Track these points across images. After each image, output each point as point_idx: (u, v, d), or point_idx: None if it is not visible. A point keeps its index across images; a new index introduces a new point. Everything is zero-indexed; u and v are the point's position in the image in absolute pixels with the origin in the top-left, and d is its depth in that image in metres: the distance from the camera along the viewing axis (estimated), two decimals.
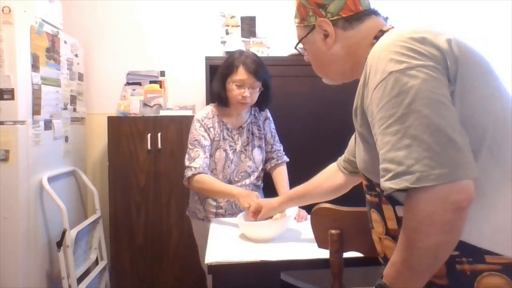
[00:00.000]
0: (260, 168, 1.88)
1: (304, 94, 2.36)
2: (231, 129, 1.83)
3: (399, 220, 0.82)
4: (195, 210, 1.87)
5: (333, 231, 1.14)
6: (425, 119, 0.69)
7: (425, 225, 0.70)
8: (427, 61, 0.73)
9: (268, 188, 1.94)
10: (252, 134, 1.87)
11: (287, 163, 1.96)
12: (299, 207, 1.69)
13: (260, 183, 1.90)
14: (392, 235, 0.85)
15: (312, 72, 1.05)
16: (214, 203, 1.81)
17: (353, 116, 0.91)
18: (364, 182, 0.93)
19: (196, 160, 1.72)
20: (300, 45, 1.03)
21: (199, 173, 1.70)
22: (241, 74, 1.72)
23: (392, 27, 0.92)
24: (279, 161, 1.92)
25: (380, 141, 0.75)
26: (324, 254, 1.18)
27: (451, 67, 0.74)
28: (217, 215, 1.81)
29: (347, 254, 1.17)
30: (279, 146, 1.95)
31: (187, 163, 1.74)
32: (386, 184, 0.72)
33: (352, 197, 2.39)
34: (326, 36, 0.95)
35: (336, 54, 0.95)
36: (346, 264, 1.16)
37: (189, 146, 1.78)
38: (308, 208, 1.51)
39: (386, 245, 0.89)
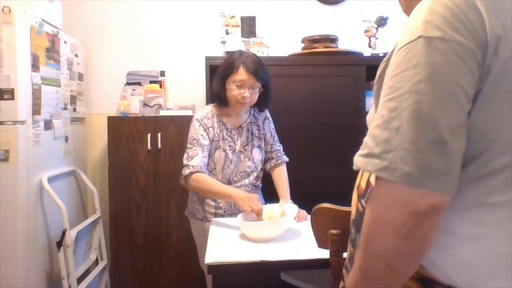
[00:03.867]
0: (259, 168, 1.88)
1: (304, 94, 2.36)
2: (230, 129, 1.83)
3: (368, 183, 0.80)
4: (194, 210, 1.87)
5: (333, 231, 1.14)
6: (424, 106, 0.59)
7: (380, 223, 0.62)
8: (467, 39, 0.59)
9: (268, 188, 1.94)
10: (252, 134, 1.87)
11: (287, 163, 1.96)
12: (299, 207, 1.70)
13: (259, 183, 1.90)
14: (358, 191, 0.85)
15: (312, 72, 1.04)
16: (213, 204, 1.81)
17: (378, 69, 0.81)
18: None
19: (194, 159, 1.72)
20: None
21: (196, 171, 1.70)
22: (241, 74, 1.72)
23: None
24: (279, 161, 1.92)
25: (378, 111, 0.65)
26: (324, 254, 1.18)
27: (488, 59, 0.60)
28: (216, 215, 1.80)
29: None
30: (278, 146, 1.95)
31: (185, 161, 1.75)
32: (356, 159, 0.66)
33: (351, 196, 2.39)
34: None
35: None
36: None
37: (188, 145, 1.78)
38: (308, 208, 1.51)
39: (353, 196, 0.88)
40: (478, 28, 0.59)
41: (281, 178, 1.89)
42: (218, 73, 1.82)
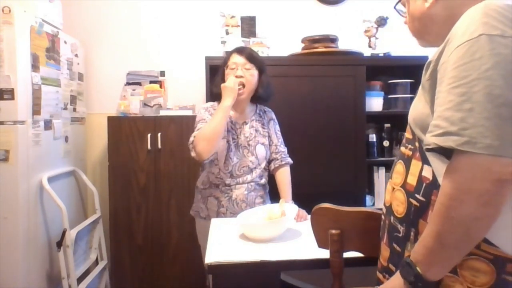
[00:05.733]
0: (262, 165, 1.88)
1: (304, 94, 2.36)
2: (234, 123, 1.87)
3: (420, 178, 0.83)
4: (198, 209, 1.88)
5: (333, 231, 1.14)
6: (496, 89, 0.68)
7: (462, 192, 0.69)
8: None
9: (270, 189, 1.95)
10: (256, 130, 1.89)
11: None
12: (299, 207, 1.70)
13: (263, 181, 1.89)
14: (407, 189, 0.87)
15: (312, 72, 1.04)
16: (216, 202, 1.82)
17: (424, 68, 0.87)
18: (407, 135, 0.93)
19: (199, 130, 1.76)
20: (400, 6, 1.00)
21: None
22: (234, 57, 1.83)
23: None
24: (283, 162, 1.92)
25: (442, 98, 0.74)
26: (324, 254, 1.18)
27: None
28: (218, 213, 1.81)
29: (347, 254, 1.17)
30: (283, 148, 1.96)
31: (192, 134, 1.77)
32: (432, 139, 0.73)
33: (351, 196, 2.40)
34: None
35: (436, 15, 0.89)
36: (346, 264, 1.16)
37: (195, 125, 1.81)
38: (308, 208, 1.51)
39: (396, 195, 0.91)
40: None
41: (284, 179, 1.89)
42: (218, 74, 1.89)
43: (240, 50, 1.86)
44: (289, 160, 1.95)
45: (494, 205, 0.69)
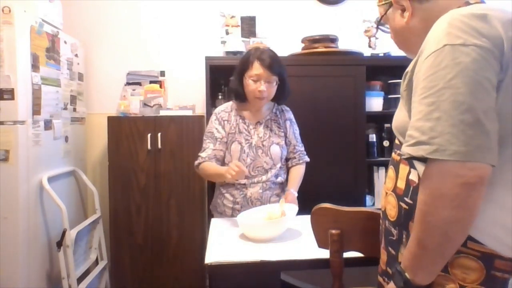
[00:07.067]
0: (278, 166, 1.88)
1: (304, 94, 2.36)
2: (248, 123, 1.87)
3: (408, 182, 0.86)
4: (215, 205, 1.93)
5: (333, 231, 1.14)
6: (460, 97, 0.71)
7: (435, 198, 0.73)
8: (484, 42, 0.73)
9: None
10: (271, 130, 1.90)
11: None
12: (299, 207, 1.70)
13: (279, 179, 1.90)
14: (397, 193, 0.90)
15: (312, 72, 1.04)
16: (231, 198, 1.84)
17: (402, 79, 0.91)
18: (396, 141, 0.97)
19: (206, 151, 1.83)
20: (383, 23, 1.06)
21: (204, 161, 1.81)
22: (256, 69, 1.78)
23: (482, 2, 0.88)
24: (300, 161, 1.96)
25: (415, 109, 0.77)
26: (324, 254, 1.18)
27: (507, 54, 0.74)
28: (233, 210, 1.84)
29: (347, 254, 1.17)
30: (301, 147, 1.98)
31: (199, 153, 1.85)
32: (405, 149, 0.77)
33: (351, 196, 2.40)
34: (403, 10, 0.96)
35: (414, 28, 0.95)
36: (346, 264, 1.16)
37: (204, 137, 1.88)
38: (308, 208, 1.51)
39: (388, 200, 0.93)
40: (492, 32, 0.73)
41: (294, 174, 1.92)
42: (236, 70, 1.87)
43: (262, 59, 1.77)
44: (307, 158, 1.98)
45: (467, 208, 0.72)
